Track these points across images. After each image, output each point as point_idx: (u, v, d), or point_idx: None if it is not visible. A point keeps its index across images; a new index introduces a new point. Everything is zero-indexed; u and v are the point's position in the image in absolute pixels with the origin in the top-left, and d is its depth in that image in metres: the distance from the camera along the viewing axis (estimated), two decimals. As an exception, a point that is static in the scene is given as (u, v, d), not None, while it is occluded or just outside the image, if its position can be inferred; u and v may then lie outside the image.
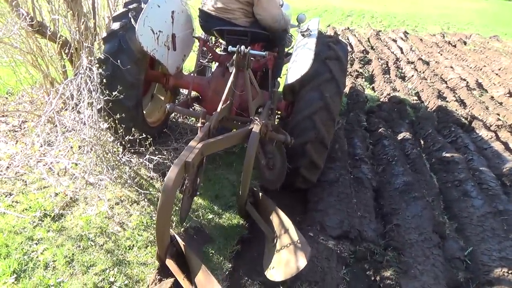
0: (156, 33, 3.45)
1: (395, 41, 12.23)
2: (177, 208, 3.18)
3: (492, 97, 7.48)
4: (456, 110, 6.43)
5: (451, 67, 9.37)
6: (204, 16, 3.87)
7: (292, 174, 3.47)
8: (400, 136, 5.31)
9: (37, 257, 2.65)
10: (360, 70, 8.27)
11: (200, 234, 3.13)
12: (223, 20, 3.74)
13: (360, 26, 15.26)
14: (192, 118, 4.78)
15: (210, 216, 3.36)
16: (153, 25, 3.39)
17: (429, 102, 6.83)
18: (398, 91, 7.12)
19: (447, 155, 4.73)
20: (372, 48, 11.17)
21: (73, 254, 2.71)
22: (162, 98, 4.60)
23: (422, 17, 19.15)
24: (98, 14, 4.67)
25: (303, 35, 3.47)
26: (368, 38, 12.42)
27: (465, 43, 13.37)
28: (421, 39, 13.00)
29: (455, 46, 12.62)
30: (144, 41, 3.29)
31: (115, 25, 3.40)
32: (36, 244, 2.77)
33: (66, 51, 4.34)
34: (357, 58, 9.50)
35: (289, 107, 3.86)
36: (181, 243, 2.54)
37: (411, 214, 3.59)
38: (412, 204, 3.72)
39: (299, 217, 3.52)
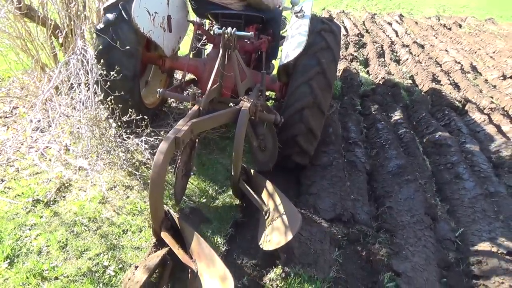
0: (152, 14, 3.45)
1: (390, 24, 12.15)
2: (171, 189, 3.20)
3: (486, 80, 7.48)
4: (450, 93, 6.43)
5: (446, 50, 9.34)
6: (197, 0, 3.89)
7: (289, 146, 3.50)
8: (394, 120, 5.32)
9: (30, 242, 2.66)
10: (355, 54, 8.23)
11: (196, 213, 3.17)
12: (215, 4, 3.76)
13: (355, 9, 15.12)
14: (187, 103, 4.73)
15: (204, 200, 3.37)
16: (148, 6, 3.40)
17: (423, 85, 6.83)
18: (393, 74, 7.11)
19: (440, 138, 4.75)
20: (367, 31, 11.10)
21: (66, 239, 2.72)
22: (158, 82, 4.58)
23: (417, 0, 18.97)
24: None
25: (296, 17, 3.49)
26: (363, 21, 12.32)
27: (460, 26, 13.29)
28: (416, 22, 12.92)
29: (450, 29, 12.56)
30: (140, 22, 3.31)
31: None
32: (29, 229, 2.77)
33: (56, 35, 4.27)
34: (352, 41, 9.44)
35: (284, 88, 3.89)
36: (175, 216, 2.61)
37: (403, 197, 3.63)
38: (405, 187, 3.75)
39: (292, 201, 3.52)
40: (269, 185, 3.07)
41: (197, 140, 3.04)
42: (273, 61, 4.28)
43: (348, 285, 2.75)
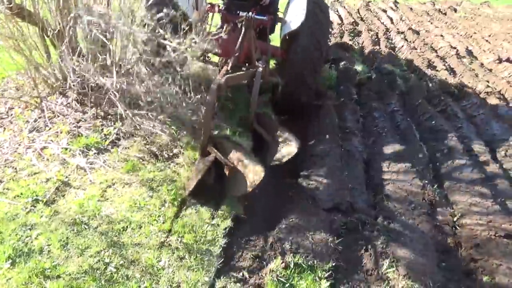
0: None
1: (385, 11, 12.08)
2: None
3: (481, 64, 7.48)
4: (446, 79, 6.43)
5: (441, 35, 9.31)
6: None
7: (296, 84, 4.51)
8: (390, 108, 5.32)
9: (31, 242, 2.67)
10: (350, 43, 8.19)
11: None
12: None
13: (349, -3, 15.01)
14: None
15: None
16: None
17: (419, 72, 6.82)
18: (388, 62, 7.08)
19: (437, 124, 4.76)
20: (362, 19, 11.04)
21: (67, 237, 2.74)
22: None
23: (412, -15, 18.83)
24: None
25: None
26: (358, 9, 12.25)
27: (455, 10, 13.24)
28: (411, 8, 12.86)
29: (445, 13, 12.51)
30: (181, 3, 4.39)
31: None
32: (30, 229, 2.78)
33: (49, 35, 4.24)
34: (347, 30, 9.39)
35: (285, 53, 4.90)
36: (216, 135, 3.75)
37: (401, 184, 3.65)
38: (402, 174, 3.77)
39: (291, 192, 3.55)
40: (275, 123, 4.16)
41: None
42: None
43: (348, 273, 2.78)
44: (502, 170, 4.03)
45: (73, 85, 4.42)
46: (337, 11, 11.68)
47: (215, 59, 5.13)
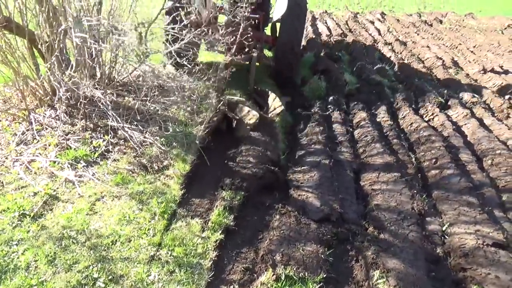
0: None
1: (372, 22, 12.28)
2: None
3: (467, 75, 7.62)
4: (432, 89, 6.53)
5: (428, 46, 9.48)
6: None
7: (282, 63, 6.06)
8: (378, 118, 5.38)
9: (17, 258, 2.63)
10: (339, 54, 8.29)
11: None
12: None
13: (338, 8, 15.25)
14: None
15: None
16: None
17: (406, 82, 6.92)
18: (376, 73, 7.18)
19: (425, 134, 4.83)
20: (350, 30, 11.20)
21: (54, 253, 2.69)
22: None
23: (399, -3, 19.20)
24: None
25: None
26: (346, 21, 12.43)
27: (441, 21, 13.52)
28: (398, 20, 13.09)
29: (431, 25, 12.75)
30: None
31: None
32: (16, 245, 2.73)
33: (37, 47, 4.22)
34: (335, 41, 9.51)
35: (274, 39, 6.56)
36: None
37: (390, 194, 3.68)
38: (391, 184, 3.80)
39: (281, 203, 3.55)
40: (269, 92, 5.57)
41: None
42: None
43: (339, 284, 2.78)
44: (489, 179, 4.09)
45: (63, 97, 4.40)
46: (326, 22, 11.83)
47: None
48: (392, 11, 15.59)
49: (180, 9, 4.81)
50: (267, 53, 7.28)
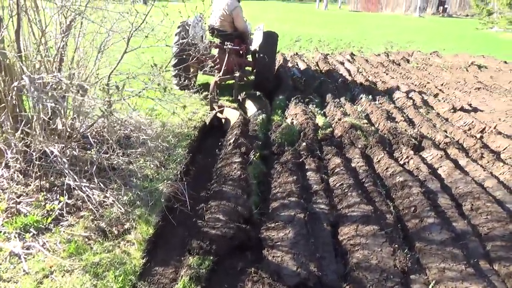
0: (196, 32, 7.48)
1: (342, 63, 12.54)
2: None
3: (438, 114, 7.70)
4: (405, 130, 6.51)
5: (397, 86, 9.64)
6: (211, 28, 8.07)
7: (262, 79, 8.30)
8: (353, 163, 5.24)
9: None
10: (310, 96, 8.28)
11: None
12: (219, 30, 8.05)
13: (308, 50, 15.60)
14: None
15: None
16: (196, 28, 7.46)
17: (379, 124, 6.89)
18: (349, 115, 7.14)
19: (401, 179, 4.69)
20: (321, 72, 11.35)
21: None
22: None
23: (366, 38, 19.97)
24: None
25: (256, 30, 8.43)
26: (317, 62, 12.65)
27: (408, 61, 13.96)
28: (367, 60, 13.44)
29: (399, 64, 13.13)
30: (192, 32, 7.20)
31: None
32: None
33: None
34: (306, 84, 9.55)
35: (254, 63, 8.85)
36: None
37: (371, 250, 3.44)
38: (371, 238, 3.57)
39: (254, 267, 3.24)
40: (247, 98, 7.37)
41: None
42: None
43: None
44: (470, 227, 3.93)
45: (15, 157, 4.08)
46: (297, 64, 11.99)
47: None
48: (361, 51, 16.07)
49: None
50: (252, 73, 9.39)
